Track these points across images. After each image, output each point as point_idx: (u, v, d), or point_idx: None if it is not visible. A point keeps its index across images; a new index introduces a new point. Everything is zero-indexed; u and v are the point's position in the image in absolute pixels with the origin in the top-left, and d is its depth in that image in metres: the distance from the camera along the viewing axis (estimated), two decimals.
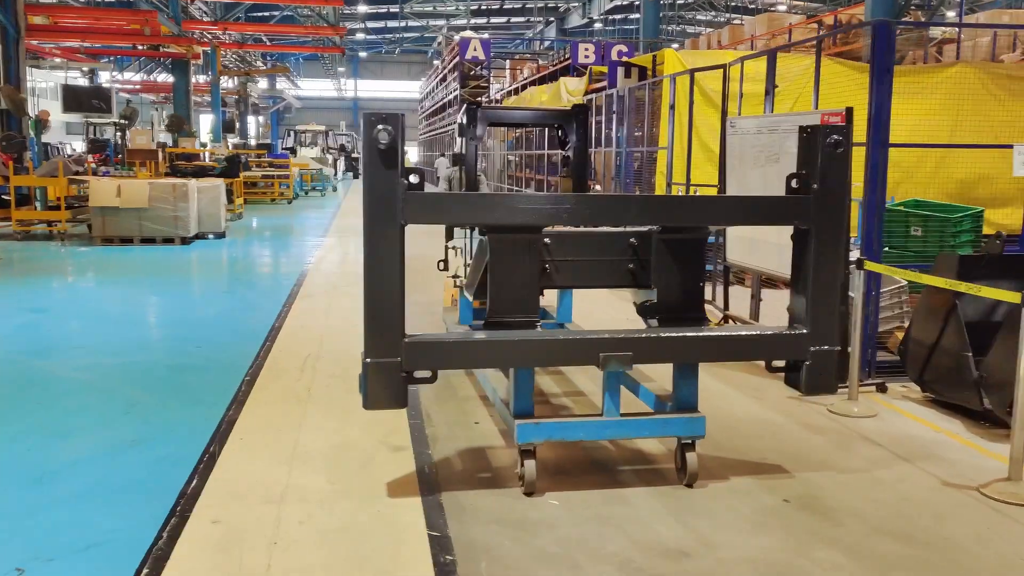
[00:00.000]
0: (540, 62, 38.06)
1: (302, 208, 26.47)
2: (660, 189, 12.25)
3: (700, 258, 4.74)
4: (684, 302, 4.65)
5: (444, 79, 38.49)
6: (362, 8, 40.51)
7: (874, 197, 6.48)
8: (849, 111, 6.13)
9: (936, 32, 21.39)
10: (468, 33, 33.95)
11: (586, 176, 6.82)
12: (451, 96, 35.54)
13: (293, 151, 42.66)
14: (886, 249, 6.79)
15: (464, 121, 6.45)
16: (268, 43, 45.42)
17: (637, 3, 45.57)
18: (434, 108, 43.80)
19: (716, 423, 5.64)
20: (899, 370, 6.58)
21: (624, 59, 14.27)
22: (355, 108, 69.95)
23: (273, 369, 6.91)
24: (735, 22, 38.56)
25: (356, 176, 51.83)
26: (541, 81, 32.13)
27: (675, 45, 47.59)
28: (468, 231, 6.37)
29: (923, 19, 24.28)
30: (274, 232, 19.01)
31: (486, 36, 35.26)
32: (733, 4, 47.23)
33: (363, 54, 63.09)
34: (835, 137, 4.27)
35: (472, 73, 34.38)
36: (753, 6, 46.07)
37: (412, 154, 67.58)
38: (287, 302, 9.90)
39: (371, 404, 4.06)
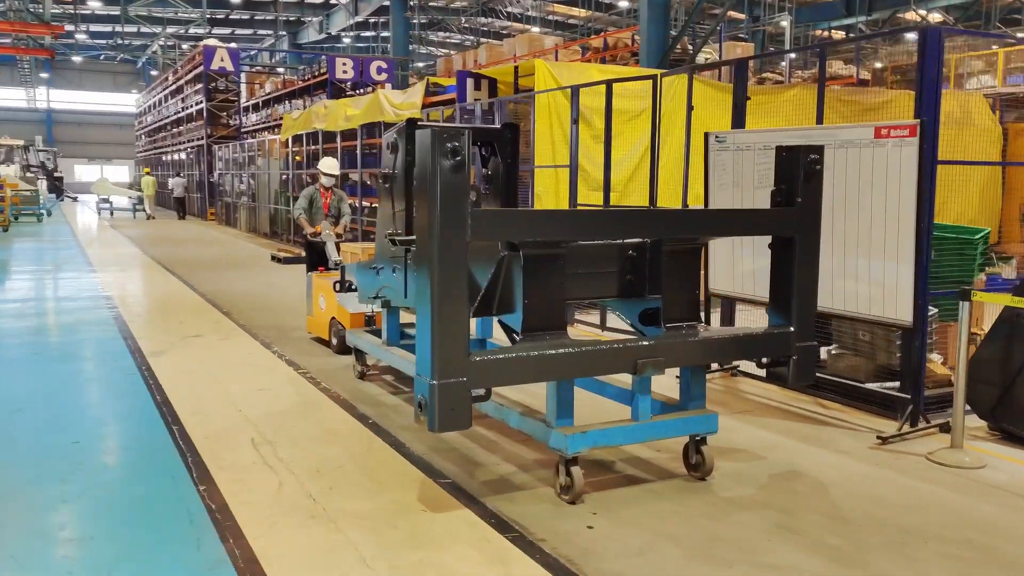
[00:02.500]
0: (286, 76, 35.75)
1: (27, 237, 22.28)
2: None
3: (699, 266, 5.17)
4: (686, 307, 4.98)
5: (180, 91, 34.82)
6: (93, 3, 35.35)
7: (926, 220, 5.91)
8: (923, 124, 5.52)
9: (699, 59, 22.44)
10: (213, 42, 30.89)
11: (516, 196, 6.66)
12: (193, 109, 32.16)
13: None
14: None
15: (396, 139, 6.14)
16: None
17: (373, 21, 44.72)
18: (164, 123, 39.59)
19: (839, 492, 4.70)
20: (943, 406, 6.08)
21: (478, 68, 13.10)
22: (48, 121, 61.84)
23: (223, 467, 4.97)
24: (487, 42, 38.76)
25: (60, 198, 45.40)
26: (291, 96, 30.02)
27: (419, 64, 47.16)
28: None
29: (692, 49, 25.57)
30: (19, 269, 15.50)
31: (233, 46, 32.28)
32: (467, 26, 47.90)
33: (77, 58, 55.81)
34: (813, 156, 4.77)
35: (214, 86, 31.34)
36: (486, 28, 46.98)
37: (124, 173, 61.11)
38: (138, 364, 7.62)
39: (441, 427, 3.91)
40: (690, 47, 26.34)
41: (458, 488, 4.72)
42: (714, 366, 7.47)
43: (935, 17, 35.82)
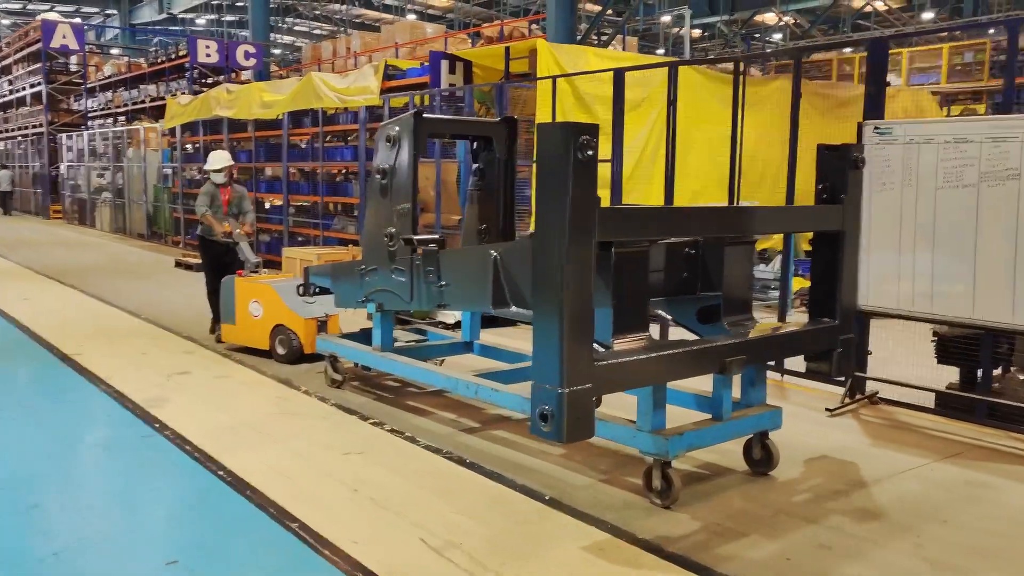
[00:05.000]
0: (131, 59, 32.16)
1: None
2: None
3: (751, 262, 5.24)
4: (743, 303, 5.01)
5: (7, 71, 30.53)
6: None
7: None
8: None
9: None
10: (54, 16, 27.18)
11: (513, 196, 6.63)
12: (27, 93, 28.21)
13: None
14: None
15: (399, 131, 5.88)
16: None
17: (217, 3, 41.65)
18: None
19: None
20: None
21: (449, 51, 11.49)
22: None
23: None
24: (355, 32, 36.80)
25: None
26: (138, 80, 26.89)
27: (276, 51, 44.27)
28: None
29: (597, 41, 24.80)
30: None
31: (78, 21, 28.59)
32: (319, 13, 45.81)
33: None
34: (857, 154, 4.89)
35: (49, 66, 27.59)
36: (339, 16, 45.17)
37: None
38: (145, 420, 5.73)
39: (570, 438, 3.70)
40: (594, 38, 25.68)
41: None
42: (845, 395, 6.46)
43: (789, 20, 37.07)
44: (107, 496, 4.47)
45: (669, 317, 5.45)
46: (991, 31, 20.56)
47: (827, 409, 6.16)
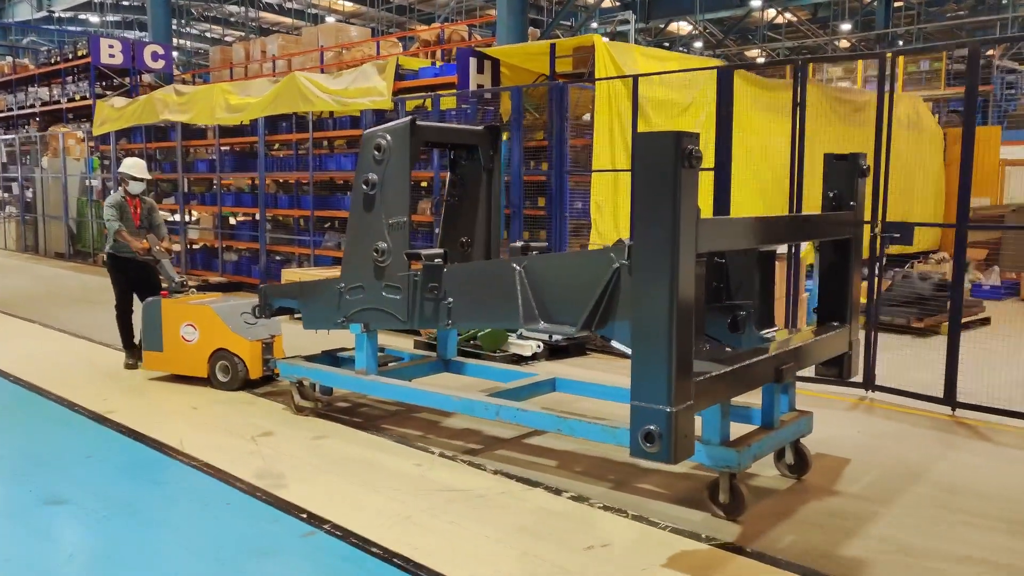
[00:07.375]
0: (18, 60, 29.23)
1: None
2: (610, 226, 8.99)
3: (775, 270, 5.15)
4: (770, 312, 4.99)
5: None
6: None
7: None
8: None
9: None
10: None
11: (497, 207, 6.28)
12: None
13: None
14: None
15: (391, 140, 5.53)
16: None
17: (101, 1, 39.09)
18: None
19: None
20: None
21: (478, 48, 10.26)
22: None
23: None
24: (253, 37, 34.87)
25: None
26: (23, 83, 24.39)
27: (174, 53, 41.63)
28: None
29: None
30: None
31: None
32: (211, 15, 43.77)
33: None
34: (864, 164, 5.00)
35: None
36: (234, 19, 43.36)
37: None
38: (260, 497, 4.41)
39: (677, 458, 3.61)
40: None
41: None
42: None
43: (701, 29, 37.40)
44: None
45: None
46: None
47: None
